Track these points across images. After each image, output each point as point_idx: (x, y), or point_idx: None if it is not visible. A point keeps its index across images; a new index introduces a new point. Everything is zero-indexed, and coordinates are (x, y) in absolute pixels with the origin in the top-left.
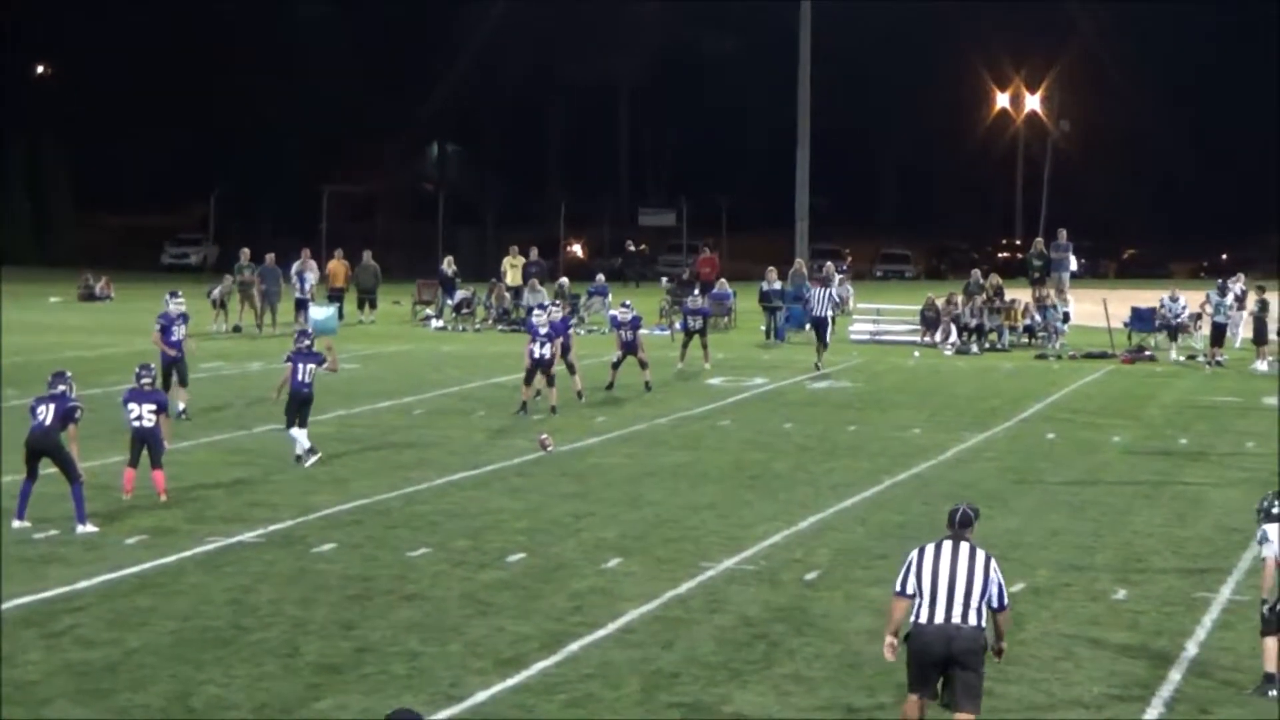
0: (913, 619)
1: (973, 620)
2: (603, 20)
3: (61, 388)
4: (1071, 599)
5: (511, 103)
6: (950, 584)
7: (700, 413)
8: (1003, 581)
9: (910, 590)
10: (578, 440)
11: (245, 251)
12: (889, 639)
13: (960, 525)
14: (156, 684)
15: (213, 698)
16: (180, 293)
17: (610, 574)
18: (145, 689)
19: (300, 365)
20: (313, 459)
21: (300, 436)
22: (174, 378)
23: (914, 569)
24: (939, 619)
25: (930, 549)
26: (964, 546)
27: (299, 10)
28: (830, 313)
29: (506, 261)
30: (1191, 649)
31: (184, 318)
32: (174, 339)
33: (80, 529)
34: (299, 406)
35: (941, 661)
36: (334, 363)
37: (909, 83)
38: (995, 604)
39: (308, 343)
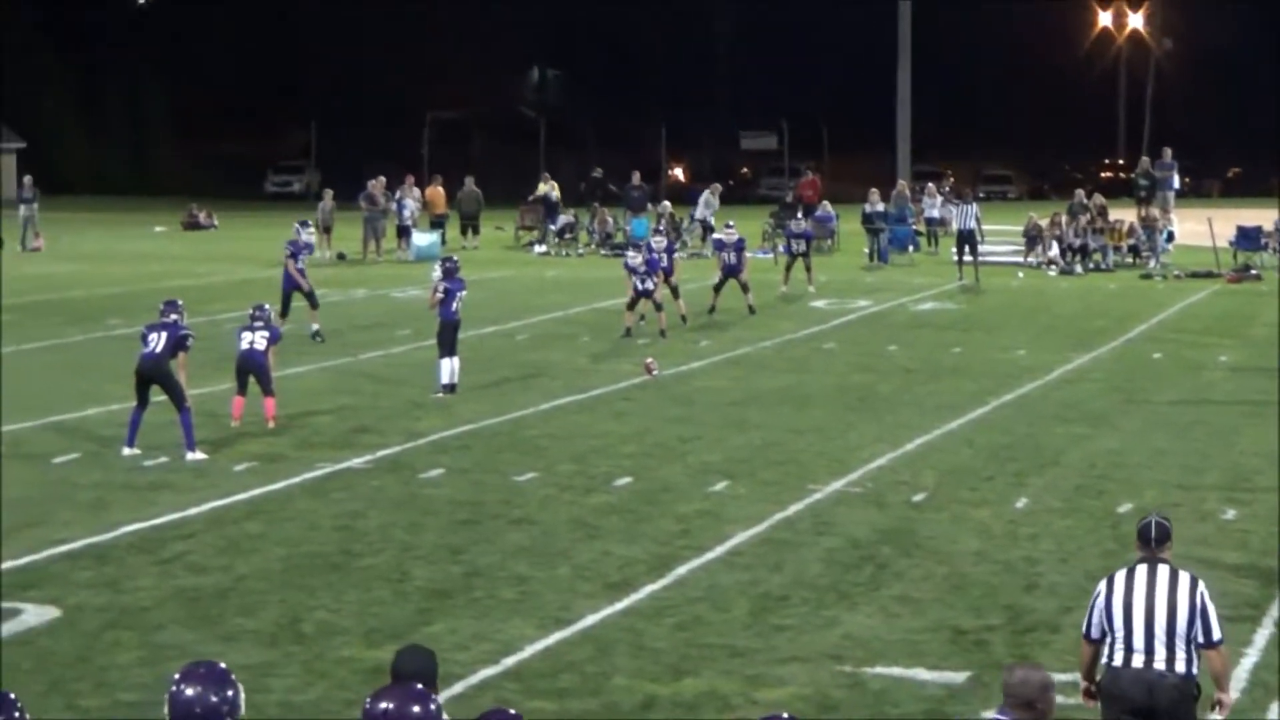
0: (1106, 660)
1: (1179, 666)
2: None
3: (173, 316)
4: (1180, 519)
5: (608, 25)
6: (1148, 620)
7: (804, 336)
8: (1213, 610)
9: (1097, 634)
10: (682, 364)
11: (380, 180)
12: (1083, 684)
13: (1153, 542)
14: (266, 609)
15: (323, 622)
16: (311, 222)
17: (717, 497)
18: (256, 614)
19: (454, 294)
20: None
21: (447, 366)
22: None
23: (1101, 604)
24: (1136, 663)
25: (1120, 577)
26: (1162, 571)
27: None
28: (975, 226)
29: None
30: None
31: (309, 247)
32: (300, 267)
33: (189, 456)
34: (451, 334)
35: (1142, 712)
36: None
37: (1008, 2)
38: (1202, 639)
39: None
